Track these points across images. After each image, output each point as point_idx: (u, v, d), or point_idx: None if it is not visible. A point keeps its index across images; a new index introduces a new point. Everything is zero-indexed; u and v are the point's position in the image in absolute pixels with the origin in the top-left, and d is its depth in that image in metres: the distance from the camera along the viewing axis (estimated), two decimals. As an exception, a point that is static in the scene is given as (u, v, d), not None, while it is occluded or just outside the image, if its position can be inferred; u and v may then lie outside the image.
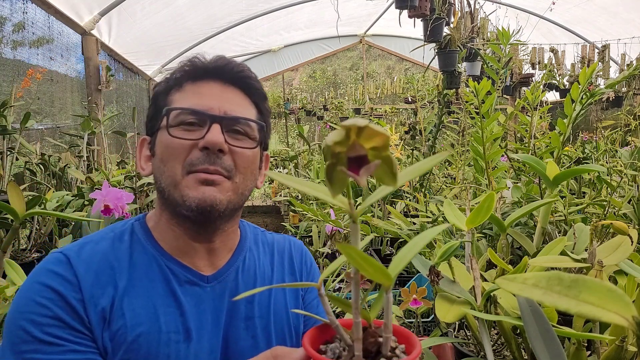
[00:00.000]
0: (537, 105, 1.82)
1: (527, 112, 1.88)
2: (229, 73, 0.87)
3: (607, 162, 1.96)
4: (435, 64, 2.69)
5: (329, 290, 1.82)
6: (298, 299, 0.99)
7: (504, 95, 4.44)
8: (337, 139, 0.41)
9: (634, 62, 4.59)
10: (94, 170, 2.91)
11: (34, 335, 0.73)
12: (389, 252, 2.33)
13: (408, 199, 2.59)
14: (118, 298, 0.79)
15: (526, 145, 1.86)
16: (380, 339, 0.54)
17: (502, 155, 1.95)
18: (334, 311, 1.66)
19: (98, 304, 0.78)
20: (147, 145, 0.90)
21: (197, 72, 0.86)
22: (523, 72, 4.17)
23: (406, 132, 3.20)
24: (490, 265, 1.18)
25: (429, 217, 1.83)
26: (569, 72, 5.20)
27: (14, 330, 0.74)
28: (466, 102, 1.79)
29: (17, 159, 2.37)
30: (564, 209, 1.41)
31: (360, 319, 0.53)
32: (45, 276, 0.77)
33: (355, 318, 0.53)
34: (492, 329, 1.13)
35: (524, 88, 4.12)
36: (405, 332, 0.58)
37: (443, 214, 1.55)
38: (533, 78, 4.23)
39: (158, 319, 0.81)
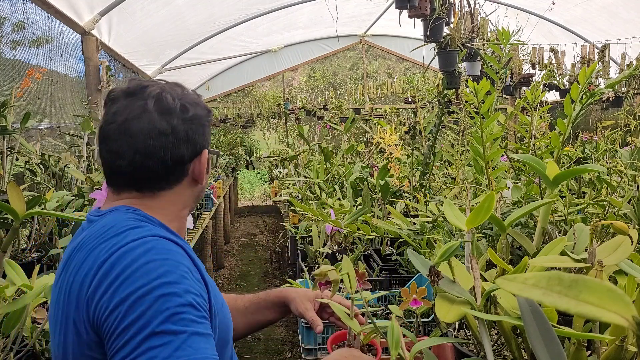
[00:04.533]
0: (537, 105, 1.82)
1: (527, 112, 1.89)
2: None
3: (607, 162, 1.96)
4: (435, 64, 2.69)
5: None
6: None
7: (504, 95, 4.44)
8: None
9: (634, 62, 4.59)
10: (94, 170, 2.91)
11: (200, 308, 0.80)
12: (389, 252, 2.33)
13: (408, 199, 2.59)
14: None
15: (526, 145, 1.86)
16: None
17: (502, 155, 1.95)
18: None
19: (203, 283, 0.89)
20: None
21: None
22: (523, 72, 4.18)
23: (406, 132, 3.20)
24: (490, 265, 1.18)
25: (429, 217, 1.83)
26: (569, 72, 5.20)
27: (177, 307, 0.77)
28: (466, 102, 1.80)
29: (17, 159, 2.37)
30: (564, 209, 1.41)
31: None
32: (183, 259, 0.85)
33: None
34: (492, 329, 1.13)
35: (524, 88, 4.12)
36: None
37: (443, 214, 1.56)
38: (533, 78, 4.23)
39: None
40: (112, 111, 0.94)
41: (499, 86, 2.05)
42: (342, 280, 1.84)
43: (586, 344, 0.86)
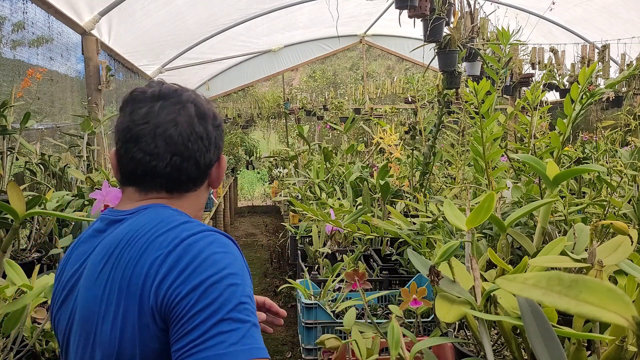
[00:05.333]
0: (537, 105, 1.82)
1: (527, 112, 1.89)
2: None
3: (607, 162, 1.96)
4: (435, 64, 2.69)
5: (329, 290, 1.82)
6: None
7: (504, 95, 4.44)
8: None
9: (634, 62, 4.59)
10: (94, 170, 2.91)
11: (253, 300, 0.85)
12: (389, 252, 2.33)
13: (408, 199, 2.59)
14: None
15: (526, 145, 1.86)
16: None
17: (502, 155, 1.95)
18: (333, 311, 1.66)
19: None
20: None
21: None
22: (523, 72, 4.18)
23: (406, 132, 3.20)
24: (490, 265, 1.18)
25: (429, 217, 1.83)
26: (569, 72, 5.20)
27: (242, 297, 0.83)
28: (466, 102, 1.80)
29: (17, 159, 2.37)
30: (564, 209, 1.41)
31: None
32: (238, 253, 0.90)
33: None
34: (492, 329, 1.13)
35: (524, 88, 4.12)
36: None
37: (443, 214, 1.56)
38: (533, 78, 4.23)
39: None
40: (142, 112, 0.96)
41: (499, 86, 2.05)
42: (342, 280, 1.84)
43: (586, 344, 0.86)
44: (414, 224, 1.89)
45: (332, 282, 1.82)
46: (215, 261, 0.84)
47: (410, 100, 6.76)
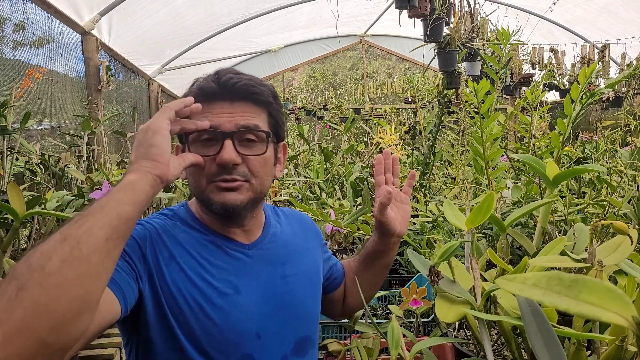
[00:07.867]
0: (537, 105, 1.82)
1: (527, 112, 1.89)
2: (237, 91, 0.98)
3: (607, 162, 1.96)
4: (435, 64, 2.69)
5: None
6: (321, 254, 1.19)
7: (504, 95, 4.44)
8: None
9: (634, 62, 4.59)
10: (94, 170, 2.91)
11: None
12: (389, 252, 2.33)
13: (408, 199, 2.59)
14: (164, 263, 0.92)
15: (526, 145, 1.86)
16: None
17: (502, 155, 1.95)
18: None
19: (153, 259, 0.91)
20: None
21: (208, 96, 0.98)
22: (523, 72, 4.18)
23: (406, 132, 3.20)
24: (490, 265, 1.18)
25: (429, 217, 1.83)
26: (569, 72, 5.20)
27: None
28: (466, 102, 1.79)
29: (17, 159, 2.37)
30: (564, 209, 1.41)
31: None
32: None
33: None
34: (492, 329, 1.13)
35: (524, 88, 4.12)
36: None
37: (443, 214, 1.55)
38: (533, 78, 4.23)
39: (203, 280, 0.93)
40: None
41: (499, 86, 2.05)
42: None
43: (586, 344, 0.86)
44: (414, 224, 1.89)
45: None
46: None
47: (410, 100, 6.76)
